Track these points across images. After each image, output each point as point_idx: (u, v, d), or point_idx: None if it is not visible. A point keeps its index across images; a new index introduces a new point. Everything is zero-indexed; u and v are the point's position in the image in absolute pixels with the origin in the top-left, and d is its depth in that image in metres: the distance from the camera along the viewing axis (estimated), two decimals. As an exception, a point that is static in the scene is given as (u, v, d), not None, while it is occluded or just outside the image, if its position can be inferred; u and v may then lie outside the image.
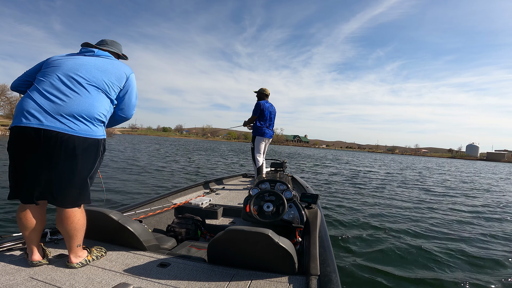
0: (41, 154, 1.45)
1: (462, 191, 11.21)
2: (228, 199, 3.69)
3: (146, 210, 2.76)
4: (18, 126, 1.44)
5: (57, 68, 1.58)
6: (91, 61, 1.65)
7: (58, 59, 1.64)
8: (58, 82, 1.52)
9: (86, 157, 1.53)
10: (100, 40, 1.88)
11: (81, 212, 1.60)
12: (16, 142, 1.46)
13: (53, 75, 1.55)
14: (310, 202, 2.70)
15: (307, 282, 1.44)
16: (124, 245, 1.83)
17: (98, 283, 1.39)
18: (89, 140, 1.51)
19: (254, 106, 4.87)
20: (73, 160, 1.48)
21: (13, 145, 1.48)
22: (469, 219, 6.21)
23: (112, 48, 1.87)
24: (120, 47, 1.94)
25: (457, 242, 4.48)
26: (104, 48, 1.83)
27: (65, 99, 1.48)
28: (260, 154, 4.87)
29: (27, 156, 1.46)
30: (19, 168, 1.49)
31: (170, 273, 1.53)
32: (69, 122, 1.46)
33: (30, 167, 1.47)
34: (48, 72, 1.57)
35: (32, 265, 1.51)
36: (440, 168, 29.47)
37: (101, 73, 1.62)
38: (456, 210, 7.08)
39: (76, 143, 1.47)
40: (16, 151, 1.48)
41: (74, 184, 1.52)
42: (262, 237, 1.48)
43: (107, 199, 5.69)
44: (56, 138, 1.43)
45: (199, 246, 2.10)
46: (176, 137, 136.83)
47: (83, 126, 1.49)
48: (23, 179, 1.49)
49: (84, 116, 1.50)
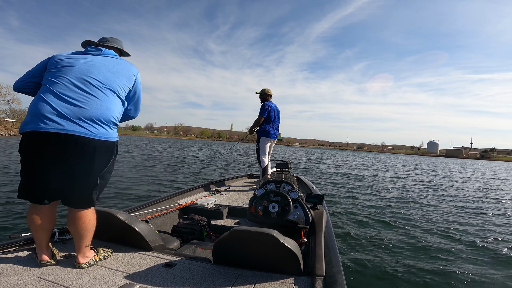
0: (59, 157, 1.46)
1: (473, 193, 11.03)
2: (234, 200, 3.69)
3: (152, 211, 2.78)
4: (36, 131, 1.43)
5: (69, 70, 1.56)
6: (101, 61, 1.65)
7: (67, 58, 1.61)
8: (74, 85, 1.52)
9: (103, 159, 1.56)
10: (101, 38, 1.85)
11: (93, 212, 1.63)
12: (32, 146, 1.45)
13: (67, 77, 1.53)
14: (316, 203, 2.68)
15: (312, 283, 1.43)
16: (130, 245, 1.85)
17: (105, 283, 1.40)
18: (106, 142, 1.55)
19: (260, 108, 4.86)
20: (91, 162, 1.51)
21: (28, 149, 1.47)
22: (479, 220, 6.11)
23: (115, 45, 1.84)
24: (122, 44, 1.91)
25: (466, 242, 4.41)
26: (108, 45, 1.80)
27: (83, 103, 1.49)
28: (266, 155, 4.86)
29: (43, 158, 1.46)
30: (33, 170, 1.49)
31: (176, 273, 1.53)
32: (89, 126, 1.48)
33: (46, 170, 1.48)
34: (59, 73, 1.55)
35: (41, 265, 1.53)
36: (428, 167, 29.03)
37: (113, 76, 1.63)
38: (468, 213, 6.98)
39: (95, 146, 1.50)
40: (33, 155, 1.47)
41: (91, 185, 1.55)
42: (267, 238, 1.48)
43: (113, 199, 5.75)
44: (76, 142, 1.45)
45: (204, 247, 2.11)
46: (146, 136, 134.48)
47: (101, 129, 1.52)
48: (38, 181, 1.49)
49: (102, 120, 1.53)
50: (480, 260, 3.76)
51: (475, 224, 5.69)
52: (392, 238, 4.40)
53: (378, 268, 3.29)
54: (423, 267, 3.41)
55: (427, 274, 3.24)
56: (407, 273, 3.22)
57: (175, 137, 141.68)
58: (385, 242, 4.22)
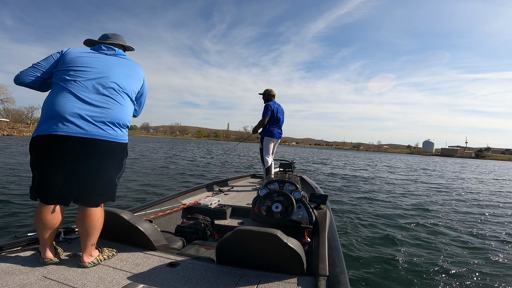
0: (79, 159, 1.49)
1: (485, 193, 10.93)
2: (237, 200, 3.70)
3: (156, 210, 2.79)
4: (60, 134, 1.43)
5: (89, 71, 1.55)
6: (115, 63, 1.66)
7: (83, 57, 1.59)
8: (95, 89, 1.53)
9: (119, 160, 1.63)
10: (102, 35, 1.82)
11: (101, 211, 1.67)
12: (53, 148, 1.45)
13: (88, 80, 1.53)
14: (319, 203, 2.68)
15: (315, 283, 1.43)
16: (134, 245, 1.86)
17: (109, 282, 1.41)
18: (121, 144, 1.62)
19: (263, 108, 4.86)
20: (109, 163, 1.58)
21: (48, 151, 1.46)
22: (485, 219, 6.05)
23: (118, 41, 1.82)
24: (124, 39, 1.89)
25: (472, 244, 4.37)
26: (110, 42, 1.78)
27: (105, 108, 1.54)
28: (269, 154, 4.87)
29: (64, 161, 1.47)
30: (52, 172, 1.48)
31: (179, 273, 1.54)
32: (109, 129, 1.54)
33: (66, 172, 1.50)
34: (79, 74, 1.53)
35: (44, 263, 1.54)
36: (428, 167, 28.71)
37: (128, 79, 1.68)
38: (473, 213, 6.91)
39: (113, 148, 1.57)
40: (53, 157, 1.46)
41: (107, 185, 1.61)
42: (270, 238, 1.48)
43: (118, 199, 5.79)
44: (96, 144, 1.50)
45: (207, 246, 2.11)
46: (143, 135, 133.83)
47: (119, 132, 1.59)
48: (56, 183, 1.50)
49: (121, 123, 1.60)
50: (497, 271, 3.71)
51: (492, 229, 5.63)
52: (397, 238, 4.37)
53: (382, 268, 3.27)
54: (429, 268, 3.38)
55: (433, 274, 3.22)
56: (412, 273, 3.20)
57: (171, 137, 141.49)
58: (390, 242, 4.20)
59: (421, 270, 3.31)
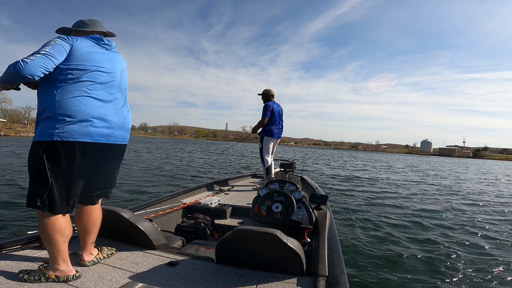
0: (104, 165, 1.53)
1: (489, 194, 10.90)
2: (237, 199, 3.70)
3: (156, 209, 2.79)
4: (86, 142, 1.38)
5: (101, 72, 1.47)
6: (117, 60, 1.61)
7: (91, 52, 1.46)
8: (113, 94, 1.52)
9: (121, 159, 1.70)
10: (78, 21, 1.62)
11: (100, 208, 1.69)
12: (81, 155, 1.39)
13: (103, 82, 1.47)
14: (320, 203, 2.67)
15: (315, 283, 1.43)
16: (134, 244, 1.86)
17: (108, 281, 1.41)
18: (125, 145, 1.68)
19: (263, 108, 4.86)
20: (119, 165, 1.68)
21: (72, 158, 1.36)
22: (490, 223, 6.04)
23: (99, 29, 1.65)
24: (103, 25, 1.69)
25: (473, 244, 4.36)
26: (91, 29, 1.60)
27: (123, 112, 1.59)
28: (269, 154, 4.86)
29: (87, 167, 1.45)
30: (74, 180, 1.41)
31: (179, 272, 1.54)
32: (126, 134, 1.62)
33: (87, 178, 1.50)
34: (93, 75, 1.43)
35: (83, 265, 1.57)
36: (429, 166, 28.64)
37: (126, 78, 1.69)
38: (473, 214, 6.89)
39: (123, 150, 1.65)
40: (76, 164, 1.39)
41: (113, 183, 1.69)
42: (270, 238, 1.48)
43: (118, 198, 5.80)
44: (120, 149, 1.60)
45: (207, 246, 2.11)
46: (141, 135, 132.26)
47: (128, 135, 1.66)
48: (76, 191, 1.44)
49: (130, 126, 1.67)
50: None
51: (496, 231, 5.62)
52: (397, 239, 4.36)
53: (382, 269, 3.27)
54: (429, 268, 3.38)
55: (433, 275, 3.21)
56: (412, 274, 3.19)
57: (169, 137, 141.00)
58: (390, 243, 4.19)
59: (421, 271, 3.31)
